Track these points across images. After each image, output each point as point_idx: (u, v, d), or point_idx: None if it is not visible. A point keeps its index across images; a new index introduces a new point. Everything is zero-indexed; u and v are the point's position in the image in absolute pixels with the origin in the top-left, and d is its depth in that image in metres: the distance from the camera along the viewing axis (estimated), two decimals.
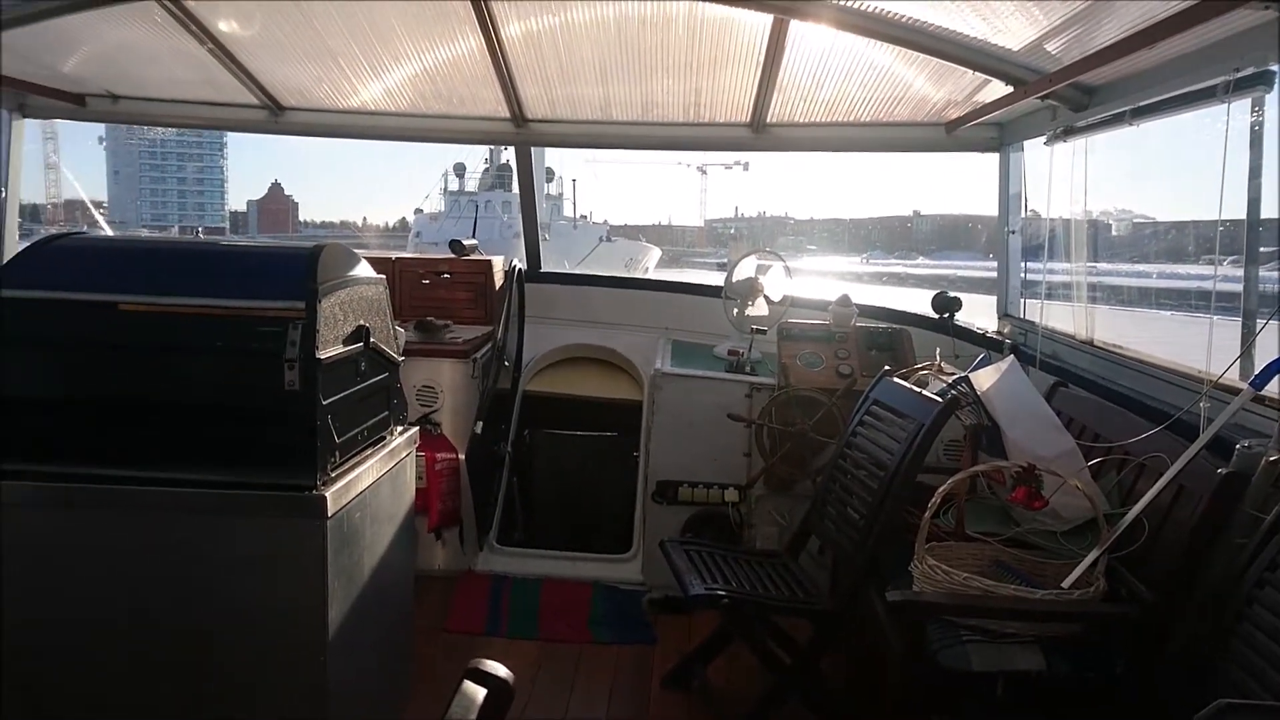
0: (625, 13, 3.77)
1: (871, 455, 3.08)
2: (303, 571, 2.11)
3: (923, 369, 3.51)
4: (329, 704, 2.14)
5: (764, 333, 4.42)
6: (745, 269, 4.69)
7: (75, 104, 4.90)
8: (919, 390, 3.10)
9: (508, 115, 4.83)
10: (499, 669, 0.94)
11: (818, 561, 3.64)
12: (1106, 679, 2.36)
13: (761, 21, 3.70)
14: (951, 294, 4.65)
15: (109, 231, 11.47)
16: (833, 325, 4.32)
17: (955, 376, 3.27)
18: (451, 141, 5.40)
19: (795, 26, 3.69)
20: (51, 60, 4.42)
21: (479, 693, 0.89)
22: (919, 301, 4.83)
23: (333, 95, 4.80)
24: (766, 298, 4.62)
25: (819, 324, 4.35)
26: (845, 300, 4.44)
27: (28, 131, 5.03)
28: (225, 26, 4.05)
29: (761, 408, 4.04)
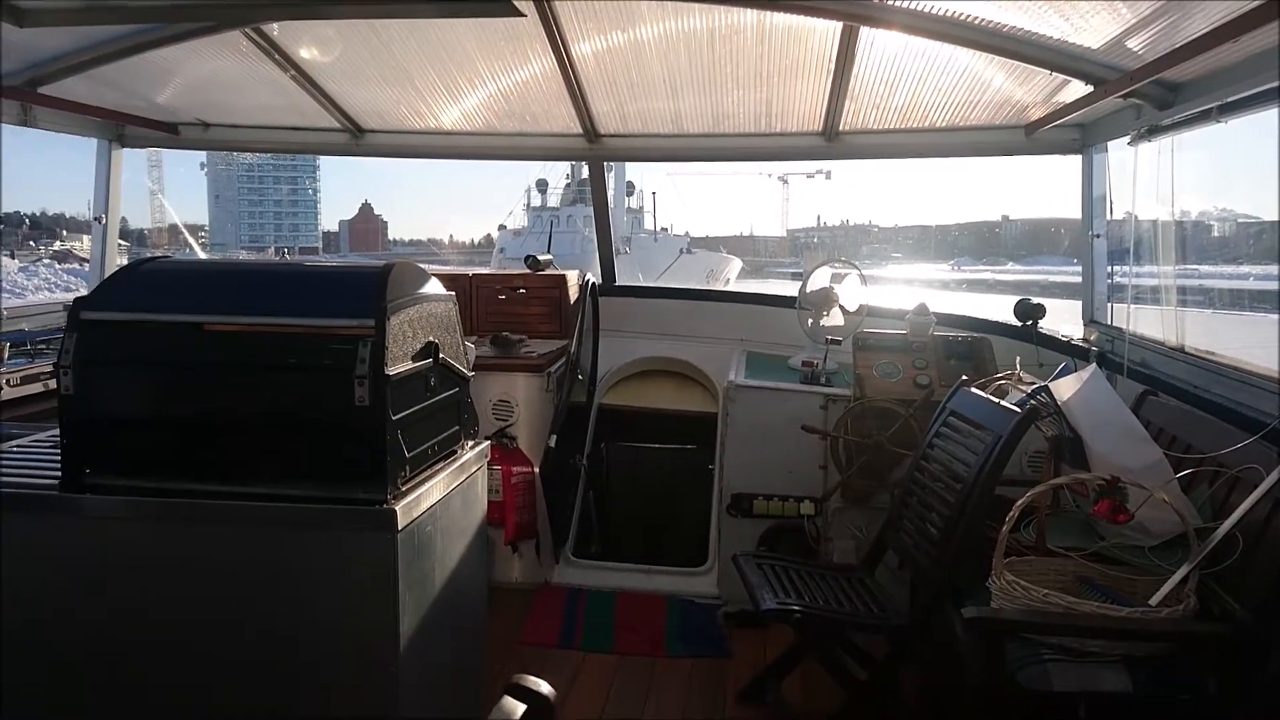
0: (693, 26, 3.77)
1: (948, 468, 3.01)
2: (374, 584, 2.15)
3: (1001, 379, 3.41)
4: (399, 714, 2.18)
5: (839, 343, 4.36)
6: (820, 279, 4.64)
7: (169, 133, 5.13)
8: (997, 400, 3.02)
9: (580, 131, 4.88)
10: (541, 685, 0.94)
11: (896, 576, 3.56)
12: (1198, 701, 2.25)
13: (831, 29, 3.66)
14: (1035, 300, 4.52)
15: (200, 254, 11.98)
16: (910, 335, 4.23)
17: (1035, 386, 3.17)
18: (526, 159, 5.48)
19: (865, 33, 3.64)
20: (146, 92, 4.64)
21: (517, 709, 0.89)
22: (1007, 309, 4.69)
23: (410, 117, 4.92)
24: (842, 307, 4.57)
25: (896, 333, 4.27)
26: (923, 309, 4.35)
27: (136, 161, 5.31)
28: (306, 53, 4.19)
29: (837, 419, 3.98)
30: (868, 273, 4.87)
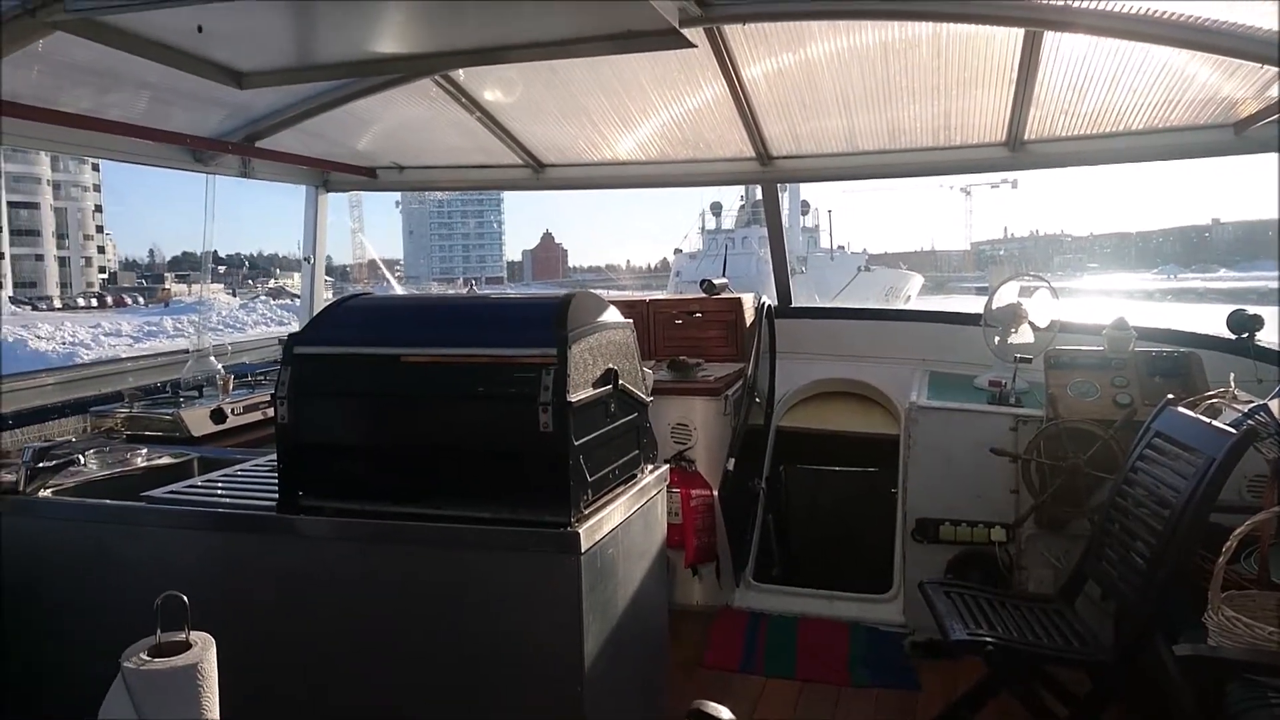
0: (866, 42, 3.72)
1: (1154, 493, 2.81)
2: (559, 605, 2.22)
3: (1213, 397, 3.17)
4: None
5: (1029, 361, 4.16)
6: (1007, 294, 4.44)
7: (368, 176, 5.51)
8: (1208, 420, 2.80)
9: (753, 155, 4.89)
10: (722, 711, 0.95)
11: (1101, 608, 3.35)
12: None
13: (1012, 36, 3.53)
14: (1251, 310, 4.15)
15: (397, 288, 12.76)
16: (1108, 351, 3.98)
17: (1252, 405, 2.92)
18: (700, 184, 5.55)
19: (1050, 37, 3.49)
20: (348, 140, 5.01)
21: None
22: (1219, 320, 4.33)
23: (588, 150, 5.08)
24: (1031, 324, 4.35)
25: (1092, 350, 4.03)
26: (1121, 323, 4.08)
27: (338, 202, 5.73)
28: (490, 95, 4.41)
29: (1029, 441, 3.80)
30: (1060, 285, 4.62)
